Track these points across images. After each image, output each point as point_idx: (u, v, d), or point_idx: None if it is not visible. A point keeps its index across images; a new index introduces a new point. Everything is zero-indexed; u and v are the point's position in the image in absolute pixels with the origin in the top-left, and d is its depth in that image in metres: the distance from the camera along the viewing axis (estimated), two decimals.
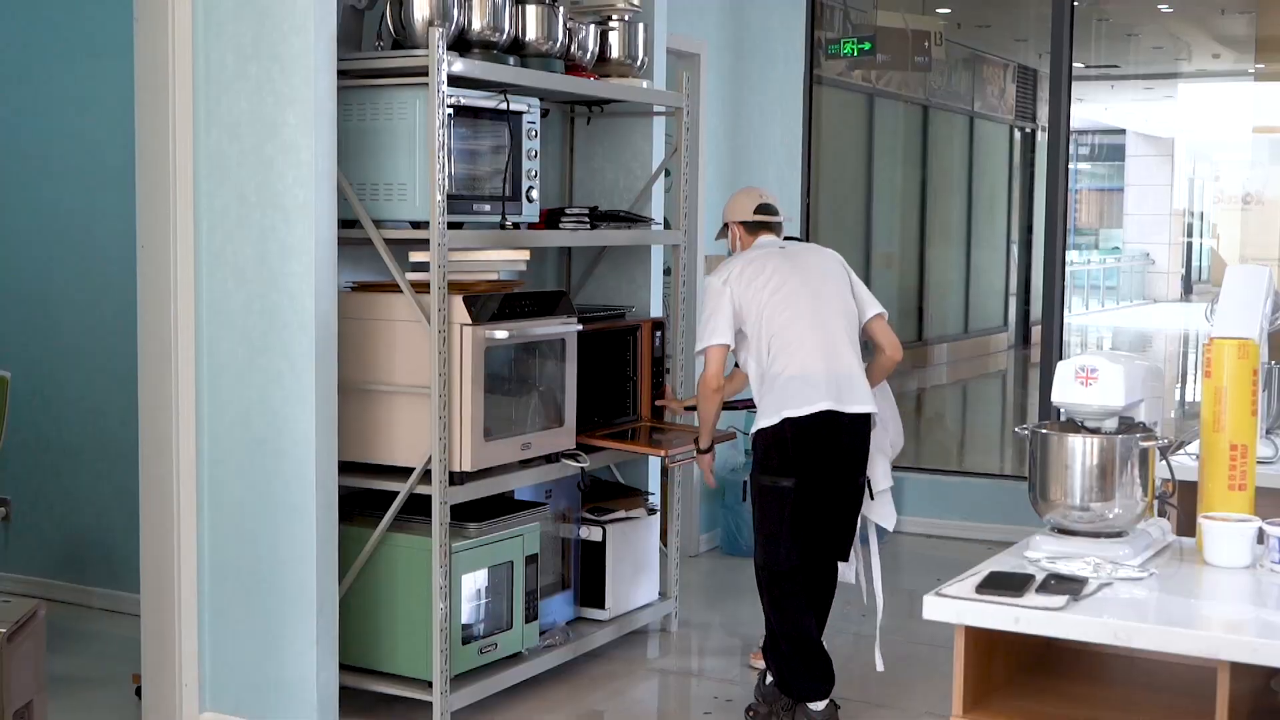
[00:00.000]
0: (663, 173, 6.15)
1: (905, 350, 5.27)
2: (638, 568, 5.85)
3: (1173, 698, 2.92)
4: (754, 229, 5.15)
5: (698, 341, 4.99)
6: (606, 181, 6.15)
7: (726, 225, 5.23)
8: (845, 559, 5.10)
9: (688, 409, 5.75)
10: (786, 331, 4.85)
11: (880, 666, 5.24)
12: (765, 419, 4.82)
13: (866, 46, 8.36)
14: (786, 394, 4.79)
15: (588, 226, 5.50)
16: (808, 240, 8.14)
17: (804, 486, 4.82)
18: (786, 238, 5.35)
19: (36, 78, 6.32)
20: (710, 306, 4.94)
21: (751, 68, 8.02)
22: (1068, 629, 2.72)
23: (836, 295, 4.97)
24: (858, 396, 4.82)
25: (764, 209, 5.16)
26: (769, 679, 5.11)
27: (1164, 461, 3.16)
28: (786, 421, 4.78)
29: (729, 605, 6.52)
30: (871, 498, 5.11)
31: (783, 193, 8.14)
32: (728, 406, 5.40)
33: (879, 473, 5.12)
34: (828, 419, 4.78)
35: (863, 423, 4.85)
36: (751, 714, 5.12)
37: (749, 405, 5.22)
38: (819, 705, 4.96)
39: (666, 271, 6.43)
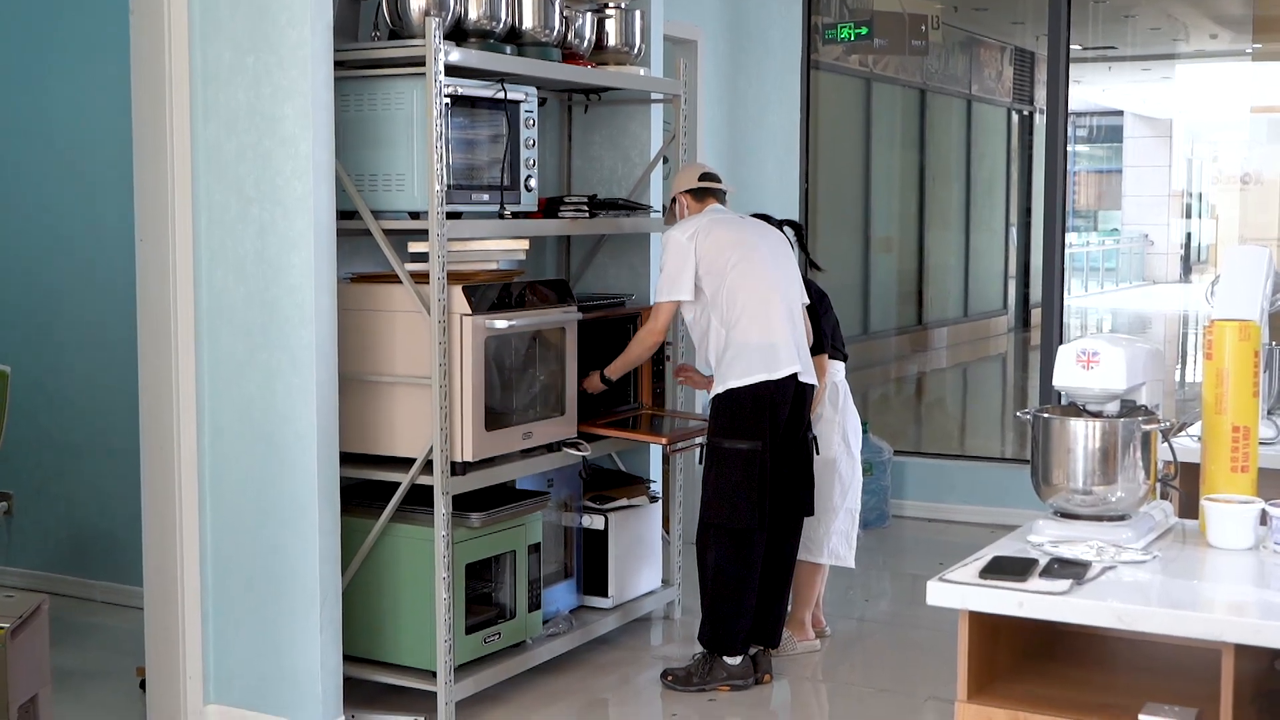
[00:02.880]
0: (661, 160, 6.14)
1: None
2: (640, 555, 5.85)
3: (1177, 680, 2.92)
4: (701, 196, 5.36)
5: (656, 293, 5.21)
6: (605, 170, 6.14)
7: (674, 201, 5.40)
8: (810, 513, 5.32)
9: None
10: (757, 297, 5.09)
11: None
12: (736, 380, 5.02)
13: (863, 31, 8.34)
14: (759, 358, 5.02)
15: (586, 215, 5.49)
16: (805, 224, 8.15)
17: (768, 448, 5.04)
18: (756, 215, 5.50)
19: (34, 73, 6.31)
20: (674, 260, 5.13)
21: (748, 54, 8.01)
22: (1072, 613, 2.72)
23: (795, 272, 5.28)
24: (808, 366, 5.15)
25: (708, 176, 5.39)
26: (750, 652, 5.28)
27: (1166, 444, 3.16)
28: (763, 384, 5.00)
29: None
30: (818, 452, 5.32)
31: (781, 178, 8.14)
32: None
33: None
34: (793, 384, 5.06)
35: (811, 392, 5.18)
36: (671, 679, 5.23)
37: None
38: (736, 660, 5.13)
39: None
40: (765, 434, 5.02)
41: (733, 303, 5.06)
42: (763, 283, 5.09)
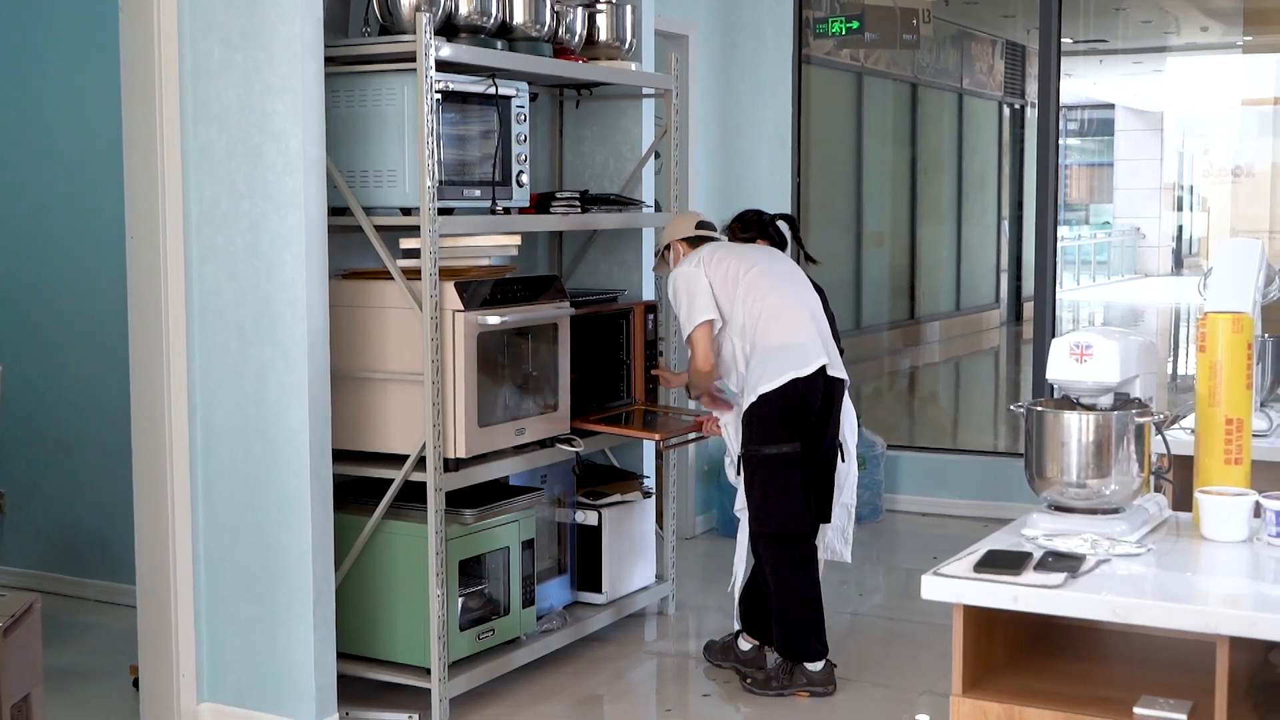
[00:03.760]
0: (653, 155, 6.13)
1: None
2: (634, 551, 5.85)
3: (1172, 673, 2.92)
4: (695, 244, 5.34)
5: (685, 326, 5.12)
6: (596, 165, 6.14)
7: (666, 248, 5.38)
8: (828, 520, 5.26)
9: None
10: (774, 302, 5.06)
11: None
12: (766, 384, 4.98)
13: (855, 25, 8.34)
14: (786, 357, 4.98)
15: (578, 210, 5.49)
16: (796, 219, 8.15)
17: (804, 450, 5.00)
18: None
19: (27, 70, 6.29)
20: (689, 290, 5.11)
21: (740, 48, 8.00)
22: (1066, 606, 2.72)
23: (805, 279, 5.27)
24: (837, 361, 5.11)
25: (704, 225, 5.40)
26: (745, 646, 5.32)
27: (1160, 436, 3.16)
28: (794, 382, 4.95)
29: (726, 587, 6.51)
30: (843, 460, 5.25)
31: (773, 173, 8.14)
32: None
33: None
34: (822, 378, 5.01)
35: (840, 386, 5.11)
36: (750, 682, 5.17)
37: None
38: (818, 664, 5.07)
39: (658, 254, 6.42)
40: (800, 435, 4.99)
41: (749, 315, 5.03)
42: (775, 291, 5.06)
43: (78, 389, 6.24)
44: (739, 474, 5.14)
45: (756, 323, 5.02)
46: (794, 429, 4.97)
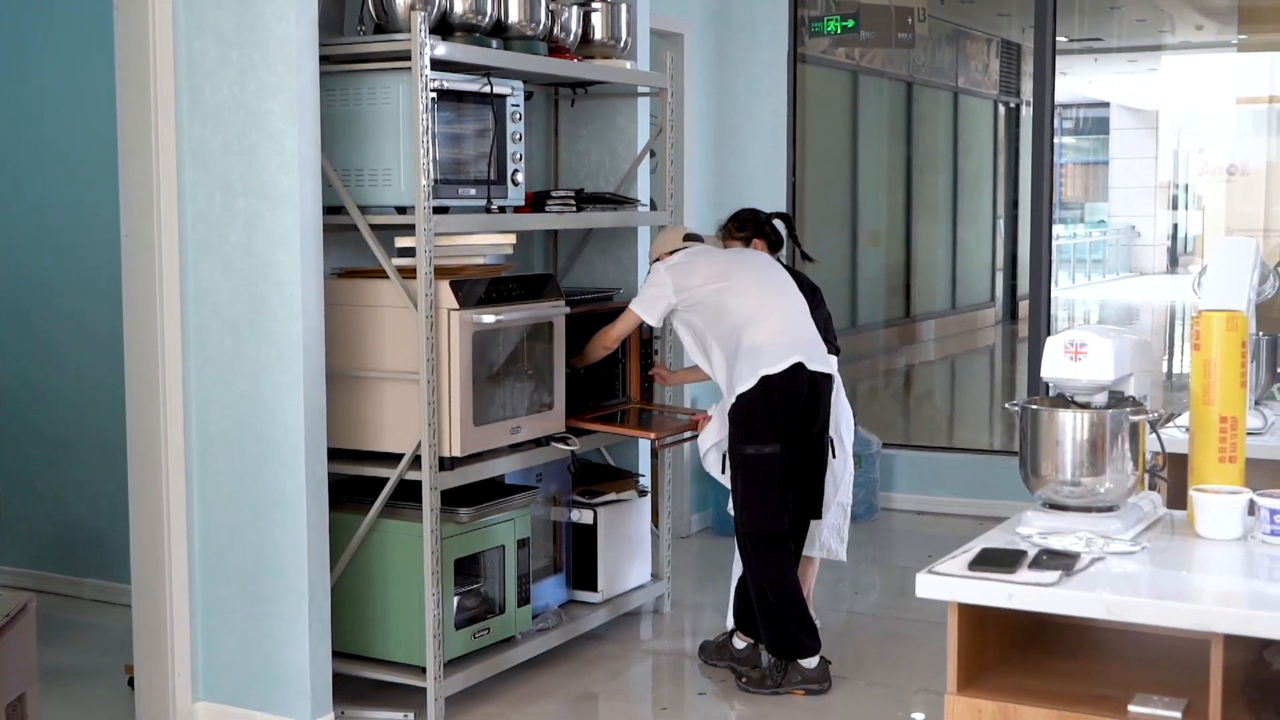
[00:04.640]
0: (648, 154, 6.13)
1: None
2: (629, 550, 5.85)
3: (1166, 671, 2.92)
4: None
5: (633, 302, 5.25)
6: (592, 163, 6.13)
7: (656, 262, 5.37)
8: (819, 517, 5.27)
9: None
10: (748, 307, 5.09)
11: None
12: (743, 384, 5.02)
13: (850, 24, 8.34)
14: (761, 357, 5.00)
15: (574, 209, 5.48)
16: (792, 218, 8.15)
17: (785, 449, 5.01)
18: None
19: (22, 71, 6.28)
20: (651, 287, 5.21)
21: (735, 47, 8.00)
22: (1061, 604, 2.72)
23: (789, 282, 5.26)
24: (821, 358, 5.11)
25: (691, 238, 5.44)
26: (740, 644, 5.34)
27: (1154, 435, 3.16)
28: (764, 380, 4.96)
29: (721, 585, 6.51)
30: (834, 456, 5.26)
31: (768, 172, 8.14)
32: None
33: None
34: (800, 375, 5.01)
35: (826, 381, 5.09)
36: (745, 681, 5.18)
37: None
38: (812, 661, 5.07)
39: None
40: (778, 435, 5.00)
41: (728, 320, 5.07)
42: (753, 295, 5.09)
43: (74, 388, 6.24)
44: (723, 471, 5.17)
45: (734, 328, 5.06)
46: (776, 427, 4.98)
